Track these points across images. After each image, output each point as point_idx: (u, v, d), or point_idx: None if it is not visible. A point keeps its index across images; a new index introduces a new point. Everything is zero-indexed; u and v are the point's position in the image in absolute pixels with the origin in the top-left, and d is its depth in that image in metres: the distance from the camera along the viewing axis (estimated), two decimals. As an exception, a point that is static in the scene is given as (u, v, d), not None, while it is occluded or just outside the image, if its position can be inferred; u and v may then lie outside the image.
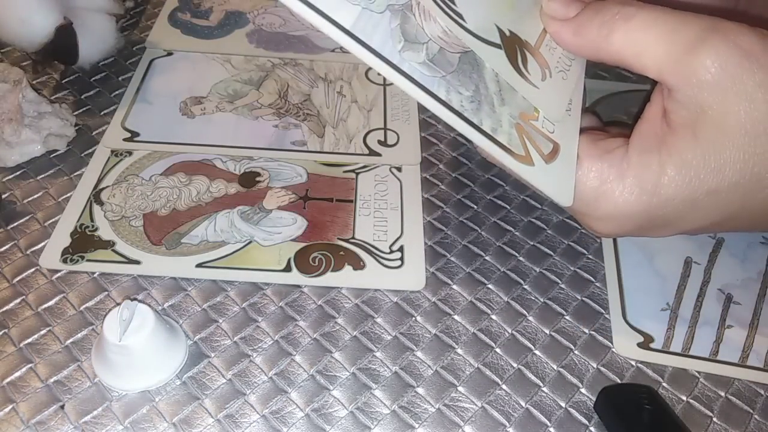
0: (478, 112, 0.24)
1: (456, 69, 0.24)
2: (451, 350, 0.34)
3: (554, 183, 0.25)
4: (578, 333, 0.36)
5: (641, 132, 0.26)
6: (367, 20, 0.22)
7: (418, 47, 0.23)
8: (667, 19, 0.24)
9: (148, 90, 0.49)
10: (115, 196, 0.41)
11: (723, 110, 0.23)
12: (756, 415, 0.33)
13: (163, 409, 0.31)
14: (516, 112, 0.25)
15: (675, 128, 0.24)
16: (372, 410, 0.32)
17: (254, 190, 0.42)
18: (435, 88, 0.23)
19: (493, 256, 0.39)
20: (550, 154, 0.26)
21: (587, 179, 0.26)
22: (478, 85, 0.24)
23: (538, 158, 0.25)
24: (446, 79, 0.23)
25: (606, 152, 0.26)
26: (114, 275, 0.37)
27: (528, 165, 0.25)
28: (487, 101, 0.24)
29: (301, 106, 0.48)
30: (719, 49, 0.23)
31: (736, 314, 0.37)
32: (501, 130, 0.24)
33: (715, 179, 0.24)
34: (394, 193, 0.42)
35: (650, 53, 0.24)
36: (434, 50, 0.23)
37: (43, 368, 0.33)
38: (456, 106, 0.23)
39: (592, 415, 0.32)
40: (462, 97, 0.24)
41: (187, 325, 0.35)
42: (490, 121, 0.24)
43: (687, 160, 0.24)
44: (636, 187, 0.25)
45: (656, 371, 0.34)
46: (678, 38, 0.24)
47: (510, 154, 0.24)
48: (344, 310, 0.36)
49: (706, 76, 0.23)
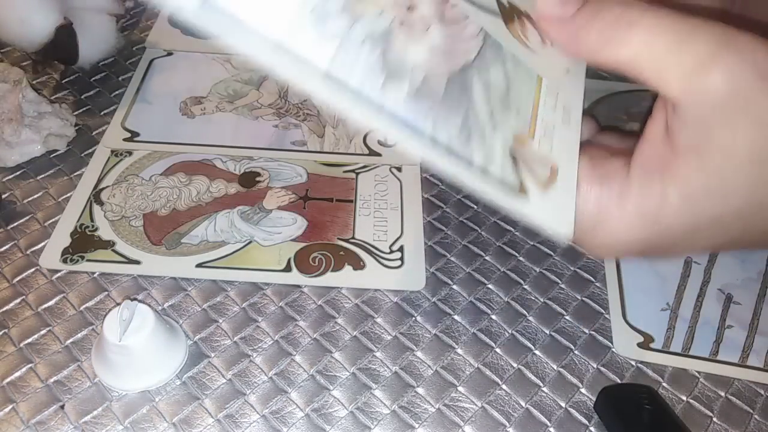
0: (468, 144, 0.22)
1: (442, 98, 0.22)
2: (451, 350, 0.34)
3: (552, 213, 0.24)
4: (578, 333, 0.36)
5: (643, 154, 0.24)
6: (345, 54, 0.20)
7: (402, 78, 0.21)
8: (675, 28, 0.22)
9: (148, 90, 0.49)
10: (115, 196, 0.41)
11: (733, 135, 0.22)
12: (756, 415, 0.33)
13: (163, 409, 0.31)
14: (509, 136, 0.24)
15: (679, 151, 0.23)
16: (372, 410, 0.32)
17: (254, 190, 0.42)
18: (421, 123, 0.21)
19: (493, 256, 0.39)
20: (548, 179, 0.24)
21: (586, 205, 0.25)
22: (468, 111, 0.23)
23: (534, 187, 0.24)
24: (433, 111, 0.22)
25: (606, 176, 0.25)
26: (114, 275, 0.37)
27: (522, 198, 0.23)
28: (478, 130, 0.23)
29: (301, 106, 0.48)
30: (734, 67, 0.21)
31: (736, 314, 0.37)
32: (493, 162, 0.23)
33: (719, 207, 0.23)
34: (394, 193, 0.42)
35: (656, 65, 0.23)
36: (418, 80, 0.22)
37: (43, 368, 0.33)
38: (443, 141, 0.22)
39: (592, 415, 0.32)
40: (450, 128, 0.22)
41: (187, 325, 0.35)
42: (482, 153, 0.23)
43: (691, 187, 0.23)
44: (637, 216, 0.24)
45: (656, 371, 0.34)
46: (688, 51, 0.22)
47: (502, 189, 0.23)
48: (344, 310, 0.36)
49: (718, 96, 0.22)
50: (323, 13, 0.20)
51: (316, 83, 0.19)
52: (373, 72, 0.20)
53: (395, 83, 0.21)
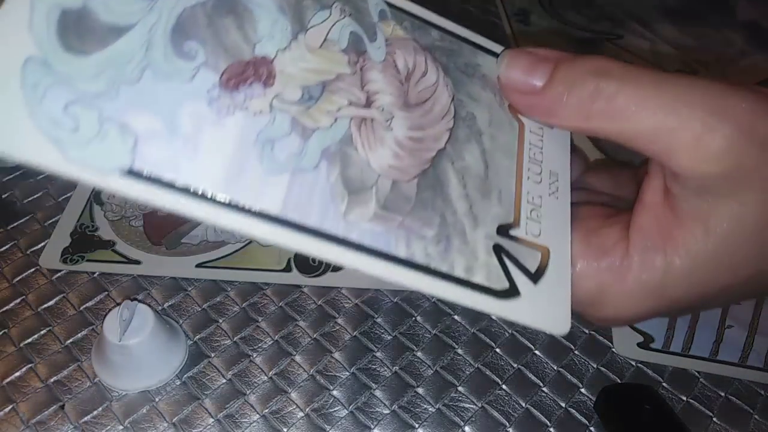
0: (447, 253, 0.20)
1: (414, 204, 0.20)
2: (451, 350, 0.34)
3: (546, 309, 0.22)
4: (578, 333, 0.36)
5: (642, 222, 0.23)
6: (300, 187, 0.18)
7: (366, 196, 0.19)
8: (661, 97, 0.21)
9: (148, 90, 0.49)
10: (115, 196, 0.41)
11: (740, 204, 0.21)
12: (756, 415, 0.33)
13: (163, 409, 0.31)
14: (492, 229, 0.22)
15: (683, 220, 0.22)
16: (372, 410, 0.32)
17: (254, 190, 0.42)
18: (393, 246, 0.19)
19: (493, 256, 0.39)
20: (538, 269, 0.22)
21: (585, 282, 0.23)
22: (444, 214, 0.21)
23: (525, 282, 0.22)
24: (404, 225, 0.20)
25: (603, 250, 0.23)
26: (114, 275, 0.37)
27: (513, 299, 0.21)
28: (457, 232, 0.21)
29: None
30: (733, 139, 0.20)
31: (736, 314, 0.37)
32: (477, 265, 0.21)
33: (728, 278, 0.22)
34: (394, 194, 0.42)
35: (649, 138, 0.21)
36: (386, 190, 0.20)
37: (43, 368, 0.33)
38: (420, 259, 0.20)
39: (592, 415, 0.32)
40: (426, 241, 0.20)
41: (187, 325, 0.35)
42: (464, 259, 0.21)
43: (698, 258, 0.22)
44: (640, 289, 0.22)
45: (656, 371, 0.34)
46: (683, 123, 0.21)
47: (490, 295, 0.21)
48: (344, 310, 0.36)
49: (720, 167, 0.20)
50: (268, 139, 0.18)
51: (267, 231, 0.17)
52: (332, 199, 0.18)
53: (359, 206, 0.19)
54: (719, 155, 0.20)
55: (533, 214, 0.23)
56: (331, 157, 0.19)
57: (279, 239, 0.17)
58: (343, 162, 0.19)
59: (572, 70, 0.22)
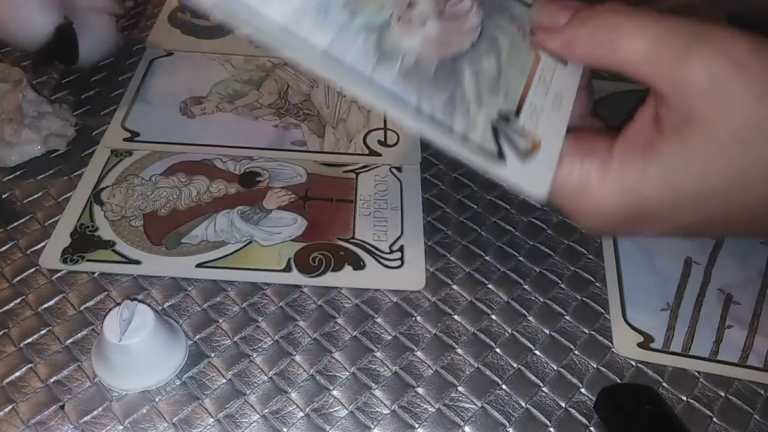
0: (451, 116, 0.25)
1: (431, 79, 0.24)
2: (451, 350, 0.34)
3: (528, 179, 0.26)
4: (578, 333, 0.36)
5: (628, 133, 0.26)
6: (342, 39, 0.23)
7: (393, 60, 0.24)
8: (654, 28, 0.24)
9: (148, 90, 0.49)
10: (115, 196, 0.41)
11: (714, 120, 0.23)
12: (756, 415, 0.33)
13: (163, 409, 0.31)
14: (494, 113, 0.26)
15: (664, 133, 0.25)
16: (372, 410, 0.32)
17: (254, 190, 0.42)
18: (407, 97, 0.24)
19: (493, 256, 0.39)
20: (528, 150, 0.26)
21: (569, 177, 0.26)
22: (454, 93, 0.25)
23: (513, 156, 0.26)
24: (420, 88, 0.24)
25: (589, 151, 0.26)
26: (114, 275, 0.37)
27: (500, 163, 0.25)
28: (463, 106, 0.25)
29: (301, 106, 0.48)
30: (709, 60, 0.23)
31: (736, 314, 0.37)
32: (474, 131, 0.25)
33: (699, 184, 0.24)
34: (394, 193, 0.42)
35: (641, 62, 0.24)
36: (410, 62, 0.24)
37: (43, 368, 0.33)
38: (427, 111, 0.24)
39: (592, 415, 0.32)
40: (435, 102, 0.24)
41: (187, 325, 0.35)
42: (464, 124, 0.25)
43: (672, 164, 0.25)
44: (616, 187, 0.25)
45: (656, 371, 0.34)
46: (668, 47, 0.24)
47: (481, 154, 0.25)
48: (344, 310, 0.36)
49: (698, 86, 0.23)
50: (325, 6, 0.23)
51: (315, 61, 0.22)
52: (366, 54, 0.23)
53: (386, 64, 0.24)
54: (698, 75, 0.23)
55: (533, 115, 0.27)
56: (369, 31, 0.24)
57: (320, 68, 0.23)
58: (379, 37, 0.24)
59: (588, 12, 0.26)
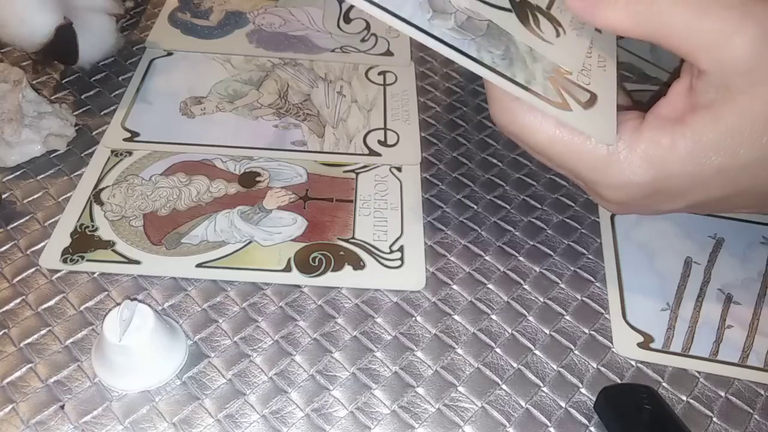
0: (510, 67, 0.26)
1: (485, 33, 0.26)
2: (451, 350, 0.34)
3: (595, 125, 0.26)
4: (578, 333, 0.36)
5: (659, 108, 0.26)
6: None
7: (446, 16, 0.25)
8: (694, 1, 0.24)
9: (148, 90, 0.49)
10: (115, 196, 0.41)
11: (751, 97, 0.23)
12: (756, 415, 0.33)
13: (163, 409, 0.31)
14: (549, 68, 0.27)
15: (697, 108, 0.25)
16: (372, 410, 0.32)
17: (254, 190, 0.42)
18: (466, 48, 0.25)
19: (493, 256, 0.39)
20: (587, 101, 0.27)
21: (598, 149, 0.27)
22: (509, 46, 0.26)
23: (576, 105, 0.26)
24: (476, 41, 0.25)
25: (620, 123, 0.27)
26: (114, 275, 0.37)
27: (566, 110, 0.26)
28: (519, 59, 0.26)
29: (301, 106, 0.48)
30: (755, 38, 0.23)
31: (736, 314, 0.37)
32: (535, 82, 0.26)
33: (726, 159, 0.24)
34: (394, 193, 0.42)
35: (682, 36, 0.24)
36: (462, 19, 0.25)
37: (43, 368, 0.33)
38: (488, 62, 0.25)
39: (592, 415, 0.32)
40: (493, 55, 0.25)
41: (187, 325, 0.35)
42: (524, 74, 0.26)
43: (701, 140, 0.24)
44: (644, 159, 0.26)
45: (656, 371, 0.34)
46: (713, 22, 0.23)
47: (548, 102, 0.26)
48: (344, 310, 0.36)
49: (741, 64, 0.23)
50: None
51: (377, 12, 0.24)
52: (420, 8, 0.25)
53: (441, 19, 0.25)
54: (742, 52, 0.23)
55: (584, 72, 0.28)
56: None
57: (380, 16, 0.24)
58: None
59: None
